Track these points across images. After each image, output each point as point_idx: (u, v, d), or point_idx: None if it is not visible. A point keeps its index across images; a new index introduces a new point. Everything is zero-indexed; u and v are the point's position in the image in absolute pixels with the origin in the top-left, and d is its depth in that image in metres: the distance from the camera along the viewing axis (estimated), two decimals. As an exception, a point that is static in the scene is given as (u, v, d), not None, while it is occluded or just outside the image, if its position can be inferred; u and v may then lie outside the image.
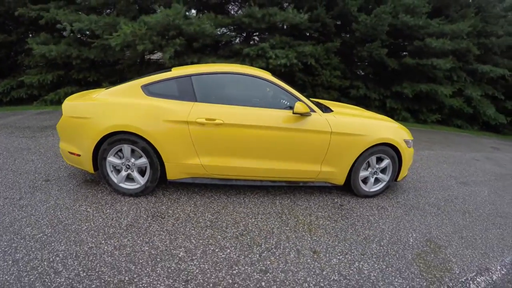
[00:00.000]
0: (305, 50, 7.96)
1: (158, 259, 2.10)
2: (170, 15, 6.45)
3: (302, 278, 2.06)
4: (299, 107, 2.84)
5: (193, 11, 9.48)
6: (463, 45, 8.89)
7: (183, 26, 6.75)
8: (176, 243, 2.31)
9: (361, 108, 4.28)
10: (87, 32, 7.24)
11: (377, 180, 3.42)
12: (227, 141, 2.87)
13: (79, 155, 2.92)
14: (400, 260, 2.37)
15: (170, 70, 3.11)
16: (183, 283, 1.90)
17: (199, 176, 3.00)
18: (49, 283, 1.82)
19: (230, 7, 9.62)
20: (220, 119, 2.81)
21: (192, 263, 2.10)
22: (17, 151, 4.04)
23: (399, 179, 3.49)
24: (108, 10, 7.93)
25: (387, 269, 2.25)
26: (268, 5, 7.90)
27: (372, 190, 3.41)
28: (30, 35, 8.19)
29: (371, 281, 2.11)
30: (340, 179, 3.23)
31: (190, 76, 2.95)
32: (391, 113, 9.60)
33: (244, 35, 9.62)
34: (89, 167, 2.93)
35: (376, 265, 2.29)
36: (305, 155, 3.04)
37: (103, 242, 2.24)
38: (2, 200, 2.76)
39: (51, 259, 2.02)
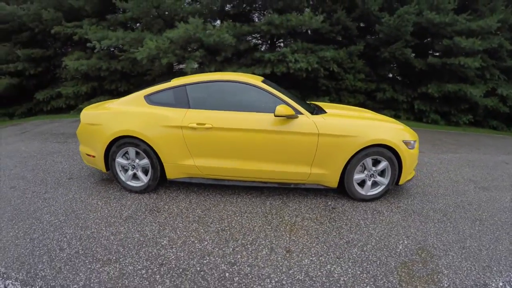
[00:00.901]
0: (327, 55, 7.97)
1: (144, 245, 2.42)
2: (190, 29, 6.90)
3: (266, 274, 2.12)
4: (280, 110, 2.89)
5: (218, 21, 9.97)
6: (495, 42, 8.28)
7: (203, 38, 7.18)
8: (163, 233, 2.59)
9: (368, 111, 4.16)
10: (115, 48, 7.94)
11: (376, 184, 3.28)
12: (217, 144, 3.07)
13: (94, 157, 3.37)
14: (380, 267, 2.24)
15: (170, 81, 3.48)
16: (158, 266, 2.18)
17: (195, 176, 3.26)
18: (53, 257, 2.28)
19: (255, 15, 9.93)
20: (210, 123, 3.04)
21: (170, 251, 2.36)
22: (49, 154, 4.67)
23: (401, 182, 3.27)
24: (138, 24, 8.63)
25: (361, 275, 2.15)
26: (287, 11, 8.11)
27: (369, 193, 3.28)
28: (68, 49, 9.18)
29: (339, 285, 2.04)
30: (333, 182, 3.17)
31: (185, 85, 3.26)
32: (420, 116, 9.24)
33: (269, 42, 9.90)
34: (102, 167, 3.36)
35: (350, 270, 2.21)
36: (294, 157, 3.06)
37: (103, 228, 2.65)
38: (31, 193, 3.35)
39: (59, 239, 2.49)
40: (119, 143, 3.23)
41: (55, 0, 8.27)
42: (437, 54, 9.13)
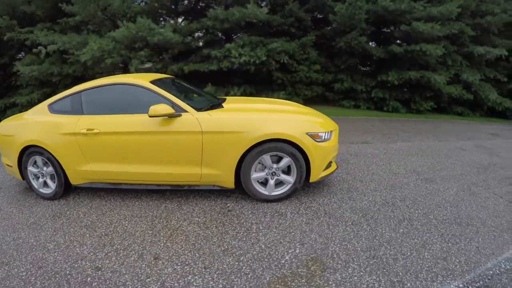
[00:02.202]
0: (275, 47, 8.05)
1: (34, 249, 2.56)
2: (133, 29, 6.98)
3: (123, 281, 2.10)
4: (153, 109, 2.79)
5: (180, 19, 10.02)
6: (455, 28, 8.32)
7: (148, 37, 7.26)
8: (54, 238, 2.71)
9: (292, 103, 4.03)
10: (62, 51, 7.98)
11: (282, 183, 3.06)
12: (106, 148, 3.10)
13: (11, 166, 3.52)
14: (250, 281, 2.01)
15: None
16: (36, 269, 2.31)
17: (94, 181, 3.30)
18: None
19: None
20: (98, 128, 3.06)
21: (52, 255, 2.47)
22: None
23: (312, 179, 3.02)
24: (89, 27, 8.67)
25: None
26: (240, 5, 8.15)
27: (274, 193, 3.06)
28: (23, 56, 9.22)
29: None
30: (228, 182, 3.01)
31: (80, 92, 3.32)
32: (380, 104, 9.38)
33: (225, 38, 9.95)
34: (18, 176, 3.52)
35: (211, 282, 2.03)
36: (181, 158, 2.98)
37: (8, 234, 2.81)
38: None
39: (16, 236, 2.78)
40: (28, 152, 3.36)
41: (8, 7, 8.29)
42: (398, 42, 9.21)
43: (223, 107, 3.28)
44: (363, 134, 6.15)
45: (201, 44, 9.30)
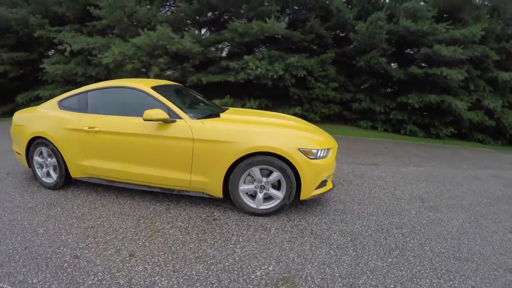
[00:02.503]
0: (292, 61, 8.08)
1: (25, 231, 2.73)
2: (153, 37, 7.27)
3: (94, 271, 2.19)
4: (148, 114, 2.88)
5: (204, 30, 10.36)
6: (478, 51, 8.12)
7: (167, 46, 7.53)
8: (45, 223, 2.88)
9: (299, 120, 3.99)
10: (86, 52, 8.40)
11: (271, 197, 3.02)
12: (105, 146, 3.24)
13: (20, 154, 3.78)
14: None
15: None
16: (22, 249, 2.48)
17: (91, 176, 3.43)
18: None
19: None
20: (98, 127, 3.22)
21: (40, 238, 2.62)
22: (6, 152, 5.28)
23: (303, 197, 2.95)
24: (114, 31, 9.11)
25: None
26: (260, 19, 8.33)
27: (261, 207, 3.01)
28: (49, 53, 9.78)
29: None
30: (216, 191, 3.00)
31: (86, 92, 3.54)
32: (398, 127, 9.16)
33: (246, 51, 10.13)
34: (26, 164, 3.79)
35: (176, 286, 2.06)
36: (173, 163, 3.02)
37: (6, 215, 3.02)
38: None
39: (13, 218, 2.99)
40: (36, 143, 3.60)
41: (41, 6, 8.90)
42: (422, 64, 9.02)
43: (220, 116, 3.31)
44: (374, 156, 5.98)
45: (223, 55, 9.52)
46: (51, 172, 3.66)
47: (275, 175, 2.89)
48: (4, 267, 2.26)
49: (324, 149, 2.99)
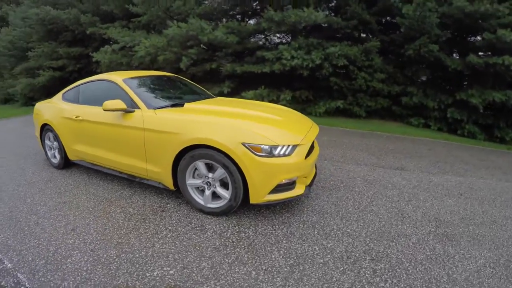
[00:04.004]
0: (333, 51, 7.91)
1: (17, 200, 3.51)
2: (183, 28, 7.84)
3: (41, 237, 2.75)
4: (106, 104, 3.17)
5: (242, 20, 10.66)
6: None
7: (199, 36, 8.03)
8: (35, 196, 3.59)
9: (284, 109, 3.87)
10: (127, 46, 9.41)
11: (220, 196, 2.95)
12: (86, 133, 3.78)
13: (37, 138, 4.64)
14: (106, 276, 2.24)
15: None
16: (8, 212, 3.23)
17: (82, 159, 4.03)
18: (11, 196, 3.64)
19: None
20: (82, 116, 3.78)
21: (24, 206, 3.31)
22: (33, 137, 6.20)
23: (253, 200, 2.74)
24: (155, 26, 10.00)
25: (90, 265, 2.35)
26: (292, 7, 8.32)
27: (209, 205, 2.98)
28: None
29: (67, 267, 2.35)
30: (168, 182, 3.12)
31: (79, 85, 4.19)
32: (455, 126, 8.23)
33: (284, 41, 10.18)
34: (41, 146, 4.69)
35: (82, 262, 2.39)
36: (131, 151, 3.29)
37: (12, 186, 3.94)
38: (10, 162, 4.91)
39: (16, 189, 3.83)
40: (45, 129, 4.44)
41: (93, 5, 10.31)
42: (483, 54, 7.94)
43: (183, 106, 3.39)
44: (406, 158, 5.31)
45: (261, 45, 9.72)
46: (56, 154, 4.44)
47: (220, 171, 2.79)
48: None
49: (285, 146, 2.70)
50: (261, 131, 2.75)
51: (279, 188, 2.76)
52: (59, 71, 11.54)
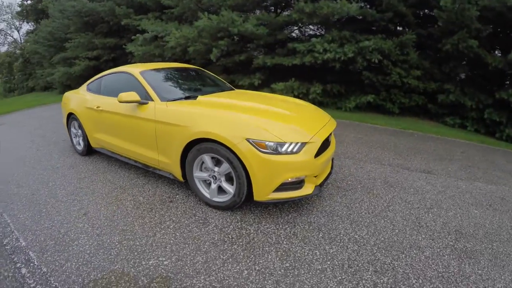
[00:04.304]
0: (367, 45, 7.60)
1: (41, 183, 3.81)
2: (214, 20, 7.86)
3: (55, 219, 2.97)
4: (121, 96, 3.26)
5: (273, 12, 10.55)
6: None
7: (230, 28, 8.01)
8: (56, 180, 3.87)
9: (300, 103, 3.75)
10: (158, 37, 9.61)
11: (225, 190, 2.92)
12: (105, 123, 3.92)
13: (64, 125, 4.98)
14: (105, 260, 2.37)
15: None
16: (31, 195, 3.52)
17: (101, 147, 4.20)
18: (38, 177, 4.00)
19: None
20: (102, 106, 3.93)
21: (45, 190, 3.57)
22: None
23: (257, 198, 2.68)
24: (186, 17, 10.11)
25: (94, 248, 2.52)
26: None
27: (215, 199, 2.96)
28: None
29: (76, 249, 2.52)
30: (177, 173, 3.15)
31: (101, 77, 4.36)
32: (493, 128, 7.64)
33: (317, 33, 9.92)
34: (68, 134, 4.98)
35: (87, 246, 2.53)
36: (144, 141, 3.37)
37: (38, 171, 4.24)
38: (39, 147, 5.34)
39: (41, 173, 4.14)
40: (71, 118, 4.70)
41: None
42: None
43: (196, 99, 3.37)
44: (435, 161, 4.85)
45: (292, 36, 9.56)
46: (80, 141, 4.67)
47: (225, 166, 2.75)
48: (11, 202, 3.37)
49: (292, 143, 2.60)
50: (268, 127, 2.67)
51: (285, 187, 2.67)
52: (94, 61, 12.11)
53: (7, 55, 26.80)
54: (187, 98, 3.44)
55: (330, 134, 3.12)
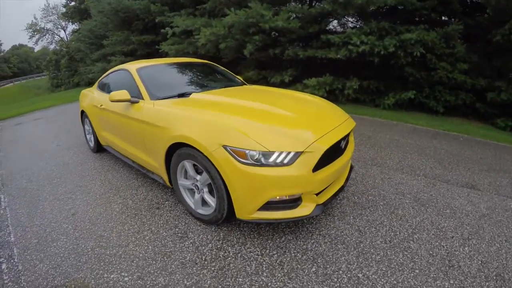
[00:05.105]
0: (408, 38, 6.90)
1: (50, 178, 3.93)
2: (242, 15, 7.60)
3: (48, 216, 3.02)
4: (112, 95, 3.10)
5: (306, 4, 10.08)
6: None
7: (260, 24, 7.74)
8: (62, 176, 3.96)
9: (314, 100, 3.21)
10: (187, 33, 9.58)
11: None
12: (106, 122, 3.90)
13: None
14: (69, 263, 2.34)
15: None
16: (36, 190, 3.65)
17: (109, 146, 4.19)
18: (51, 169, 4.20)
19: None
20: (104, 105, 3.85)
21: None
22: None
23: (239, 215, 2.29)
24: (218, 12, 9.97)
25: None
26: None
27: (199, 211, 2.67)
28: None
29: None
30: (165, 178, 2.91)
31: (108, 75, 4.32)
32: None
33: (351, 25, 9.30)
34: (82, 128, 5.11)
35: (64, 244, 2.55)
36: (136, 142, 3.21)
37: (49, 166, 4.38)
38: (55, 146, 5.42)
39: (52, 169, 4.28)
40: (84, 115, 4.79)
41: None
42: None
43: (188, 96, 3.08)
44: (481, 172, 3.95)
45: (327, 28, 9.08)
46: (92, 138, 4.70)
47: (205, 175, 2.44)
48: (17, 196, 3.54)
49: (283, 153, 2.13)
50: (252, 132, 2.22)
51: (273, 206, 2.22)
52: (130, 56, 12.49)
53: (54, 53, 29.09)
54: (180, 96, 3.15)
55: (345, 138, 2.60)
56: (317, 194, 2.37)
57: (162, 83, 3.46)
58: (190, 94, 3.14)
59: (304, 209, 2.25)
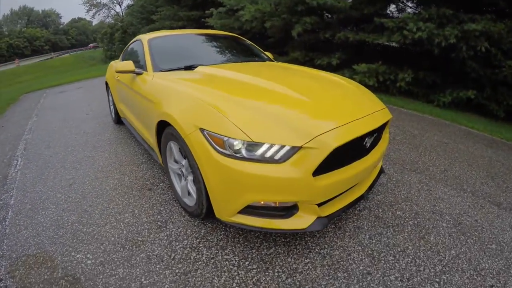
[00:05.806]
0: (472, 29, 6.01)
1: (64, 159, 3.72)
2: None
3: (48, 184, 3.10)
4: (116, 66, 3.00)
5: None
6: None
7: (307, 0, 7.26)
8: (79, 155, 3.81)
9: (326, 77, 2.80)
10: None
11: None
12: (121, 93, 3.88)
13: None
14: (57, 237, 2.28)
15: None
16: (46, 174, 3.36)
17: (125, 118, 4.17)
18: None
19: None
20: (119, 77, 3.78)
21: (60, 169, 3.45)
22: None
23: (218, 215, 1.94)
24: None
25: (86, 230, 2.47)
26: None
27: (184, 199, 2.37)
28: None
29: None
30: (158, 156, 2.69)
31: (129, 45, 4.21)
32: None
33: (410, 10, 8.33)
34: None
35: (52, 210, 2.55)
36: (138, 115, 3.15)
37: (72, 135, 4.50)
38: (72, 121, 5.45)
39: (72, 137, 4.42)
40: (108, 86, 4.84)
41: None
42: None
43: (192, 69, 2.81)
44: None
45: (381, 12, 8.28)
46: (113, 109, 4.75)
47: (186, 161, 2.19)
48: (33, 161, 3.65)
49: (273, 146, 1.69)
50: (236, 114, 1.81)
51: (258, 211, 1.82)
52: (177, 31, 12.65)
53: (109, 26, 31.10)
54: (187, 68, 2.87)
55: (372, 134, 2.04)
56: (320, 205, 1.90)
57: (172, 54, 3.25)
58: (196, 66, 2.87)
59: (299, 221, 1.80)
